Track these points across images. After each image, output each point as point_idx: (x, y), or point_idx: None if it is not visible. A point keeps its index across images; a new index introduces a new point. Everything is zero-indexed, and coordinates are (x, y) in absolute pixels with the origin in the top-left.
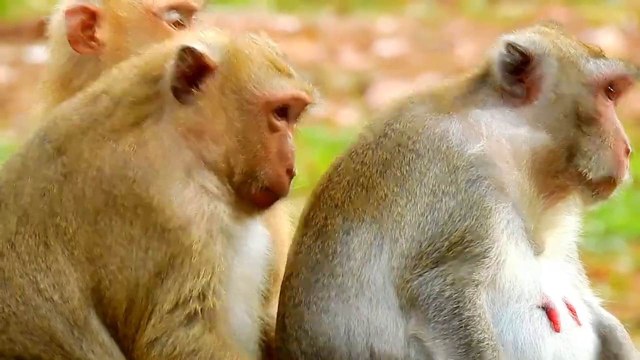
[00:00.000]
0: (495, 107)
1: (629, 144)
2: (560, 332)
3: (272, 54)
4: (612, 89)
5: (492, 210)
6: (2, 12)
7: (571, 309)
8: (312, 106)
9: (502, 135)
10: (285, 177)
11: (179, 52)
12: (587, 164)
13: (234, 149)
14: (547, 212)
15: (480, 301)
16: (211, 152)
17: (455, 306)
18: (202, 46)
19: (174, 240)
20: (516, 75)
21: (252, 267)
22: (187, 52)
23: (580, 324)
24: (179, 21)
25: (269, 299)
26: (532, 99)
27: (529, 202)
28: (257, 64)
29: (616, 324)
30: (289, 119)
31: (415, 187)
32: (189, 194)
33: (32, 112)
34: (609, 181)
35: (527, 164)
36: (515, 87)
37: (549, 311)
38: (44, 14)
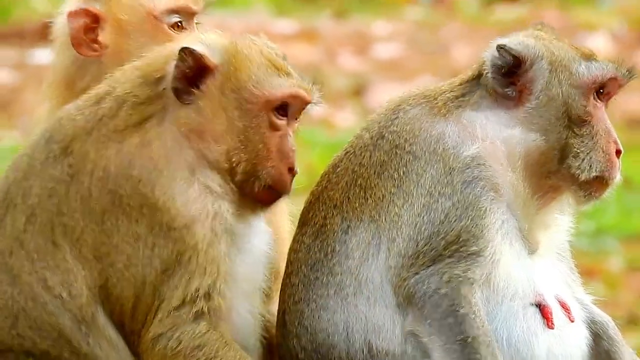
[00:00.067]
0: (489, 109)
1: (619, 144)
2: (553, 329)
3: (271, 54)
4: (602, 90)
5: (487, 210)
6: (6, 15)
7: (564, 307)
8: (311, 104)
9: (496, 137)
10: (286, 175)
11: (180, 53)
12: (579, 165)
13: (236, 148)
14: (541, 212)
15: (475, 299)
16: (213, 152)
17: (450, 303)
18: (202, 47)
19: (180, 238)
20: (509, 77)
21: (254, 265)
22: (187, 53)
23: (573, 321)
24: (180, 24)
25: (270, 297)
26: (524, 101)
27: (523, 203)
28: (256, 64)
29: (608, 321)
30: (289, 117)
31: (412, 188)
32: (193, 194)
33: (37, 113)
34: (600, 181)
35: (521, 165)
36: (507, 90)
37: (542, 308)
38: (48, 17)
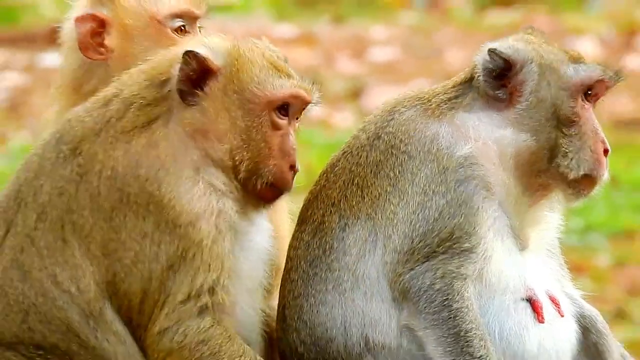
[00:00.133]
0: (481, 111)
1: (607, 144)
2: (543, 323)
3: (272, 56)
4: (590, 92)
5: (479, 208)
6: (16, 20)
7: (554, 301)
8: (311, 104)
9: (488, 137)
10: (288, 173)
11: (184, 56)
12: (568, 164)
13: (239, 146)
14: (531, 210)
15: (468, 294)
16: (217, 151)
17: (444, 298)
18: (205, 50)
19: (185, 235)
20: (500, 80)
21: (256, 262)
22: (191, 57)
23: (562, 315)
24: (183, 28)
25: (271, 292)
26: (515, 102)
27: (514, 201)
28: (258, 66)
29: (596, 315)
30: (290, 117)
31: (407, 186)
32: (197, 192)
33: (46, 114)
34: (589, 179)
35: (512, 164)
36: (498, 92)
37: (533, 303)
38: (56, 22)
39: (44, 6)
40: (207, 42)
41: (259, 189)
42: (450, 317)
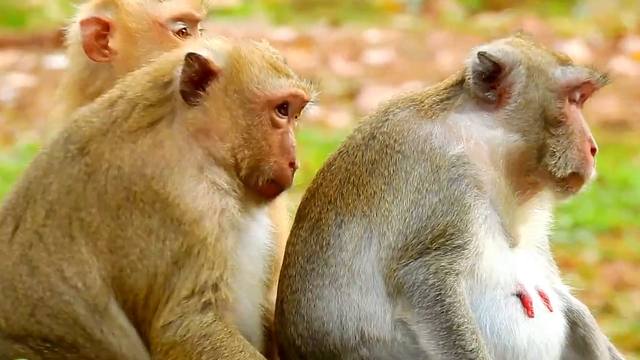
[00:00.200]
0: (472, 112)
1: (594, 143)
2: (533, 317)
3: (272, 58)
4: (577, 93)
5: (471, 206)
6: (24, 23)
7: (543, 296)
8: (309, 102)
9: (480, 137)
10: (288, 170)
11: (186, 58)
12: (555, 163)
13: (240, 145)
14: (521, 208)
15: (460, 289)
16: (219, 149)
17: (437, 293)
18: (207, 52)
19: (190, 232)
20: (489, 82)
21: (257, 258)
22: (193, 59)
23: (551, 310)
24: (184, 31)
25: (270, 287)
26: (504, 104)
27: (505, 199)
28: (258, 66)
29: (584, 310)
30: (289, 115)
31: (401, 185)
32: (201, 190)
33: (52, 114)
34: (576, 177)
35: (503, 163)
36: (488, 94)
37: (522, 298)
38: (62, 25)
39: (51, 10)
40: (209, 44)
41: (260, 186)
42: (442, 312)
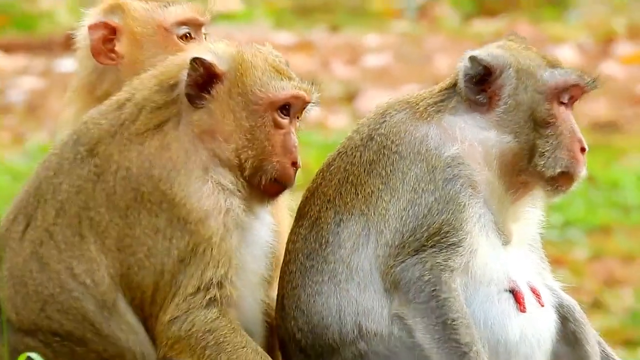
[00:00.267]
0: (466, 114)
1: (584, 143)
2: (525, 312)
3: (275, 61)
4: (566, 95)
5: (465, 205)
6: (34, 28)
7: (535, 292)
8: (311, 103)
9: (474, 139)
10: (290, 169)
11: (191, 62)
12: (544, 163)
13: (244, 145)
14: (514, 206)
15: (455, 285)
16: (223, 150)
17: (432, 289)
18: (211, 56)
19: (196, 231)
20: (480, 85)
21: (259, 256)
22: (198, 63)
23: (543, 305)
24: (188, 35)
25: (271, 283)
26: (495, 106)
27: (498, 198)
28: (261, 69)
29: (574, 305)
30: (291, 116)
31: (398, 184)
32: (207, 191)
33: (62, 116)
34: (566, 176)
35: (496, 164)
36: (479, 96)
37: (515, 294)
38: (71, 29)
39: (61, 15)
40: (213, 48)
41: (263, 185)
42: (438, 307)
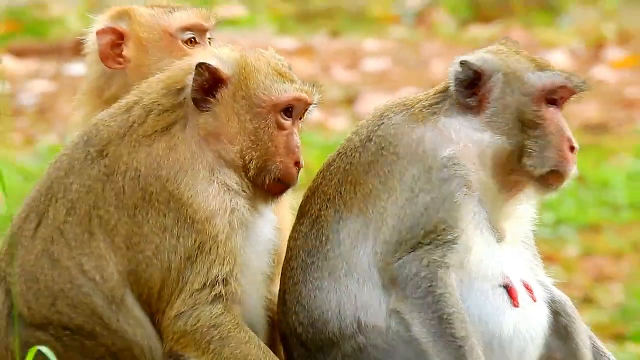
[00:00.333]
0: (460, 116)
1: (573, 141)
2: (518, 307)
3: (277, 64)
4: (554, 96)
5: (461, 204)
6: (45, 33)
7: (528, 288)
8: (312, 105)
9: (468, 140)
10: (293, 169)
11: (197, 67)
12: (532, 163)
13: (248, 147)
14: (508, 205)
15: (450, 281)
16: (228, 152)
17: (429, 285)
18: (216, 61)
19: (202, 230)
20: (471, 89)
21: (263, 254)
22: (203, 68)
23: (535, 301)
24: (193, 40)
25: (273, 279)
26: (484, 109)
27: (492, 197)
28: (264, 73)
29: (566, 300)
30: (294, 118)
31: (395, 184)
32: (213, 191)
33: (73, 118)
34: (556, 175)
35: (490, 164)
36: (469, 100)
37: (509, 289)
38: (80, 34)
39: (71, 20)
40: (218, 53)
41: (267, 184)
42: (434, 302)
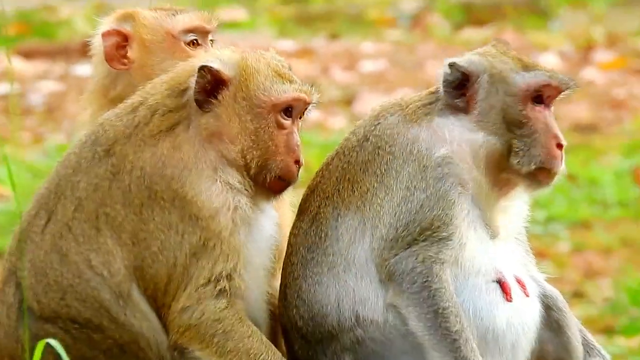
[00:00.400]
0: (452, 116)
1: (561, 139)
2: (511, 302)
3: (277, 65)
4: (539, 95)
5: (455, 202)
6: (53, 35)
7: (520, 283)
8: (312, 104)
9: (462, 140)
10: (293, 167)
11: (199, 70)
12: (519, 161)
13: (249, 146)
14: (500, 202)
15: (445, 276)
16: (230, 151)
17: (424, 280)
18: (218, 63)
19: (206, 227)
20: (460, 90)
21: (265, 250)
22: (205, 70)
23: (528, 295)
24: (195, 42)
25: (274, 274)
26: (472, 109)
27: (485, 195)
28: (263, 74)
29: (557, 295)
30: (294, 117)
31: (392, 182)
32: (216, 189)
33: (80, 117)
34: (544, 171)
35: (482, 163)
36: (457, 101)
37: (502, 284)
38: (87, 36)
39: (78, 23)
40: (220, 55)
41: (268, 182)
42: (429, 297)
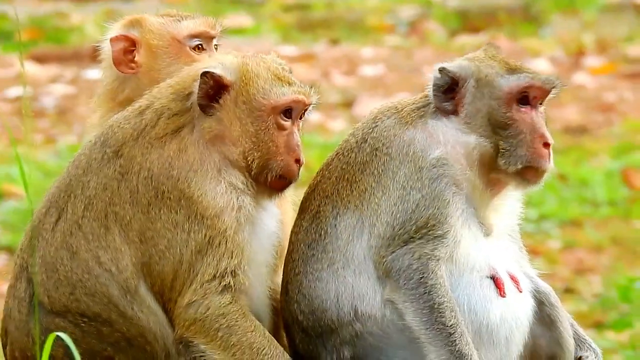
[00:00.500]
0: (445, 118)
1: (547, 137)
2: (505, 297)
3: (277, 69)
4: (525, 97)
5: (450, 201)
6: (65, 41)
7: (514, 279)
8: (311, 105)
9: (456, 141)
10: (294, 166)
11: (202, 76)
12: (505, 161)
13: (250, 148)
14: (494, 200)
15: (440, 272)
16: (232, 153)
17: (420, 276)
18: (220, 69)
19: (211, 225)
20: (450, 94)
21: (267, 247)
22: (208, 76)
23: (521, 291)
24: (200, 46)
25: (276, 270)
26: (459, 112)
27: (479, 194)
28: (263, 78)
29: (549, 291)
30: (294, 118)
31: (389, 182)
32: (220, 190)
33: (90, 119)
34: (532, 170)
35: (475, 164)
36: (445, 104)
37: (495, 280)
38: (97, 41)
39: (89, 29)
40: (222, 60)
41: (269, 182)
42: (425, 292)
